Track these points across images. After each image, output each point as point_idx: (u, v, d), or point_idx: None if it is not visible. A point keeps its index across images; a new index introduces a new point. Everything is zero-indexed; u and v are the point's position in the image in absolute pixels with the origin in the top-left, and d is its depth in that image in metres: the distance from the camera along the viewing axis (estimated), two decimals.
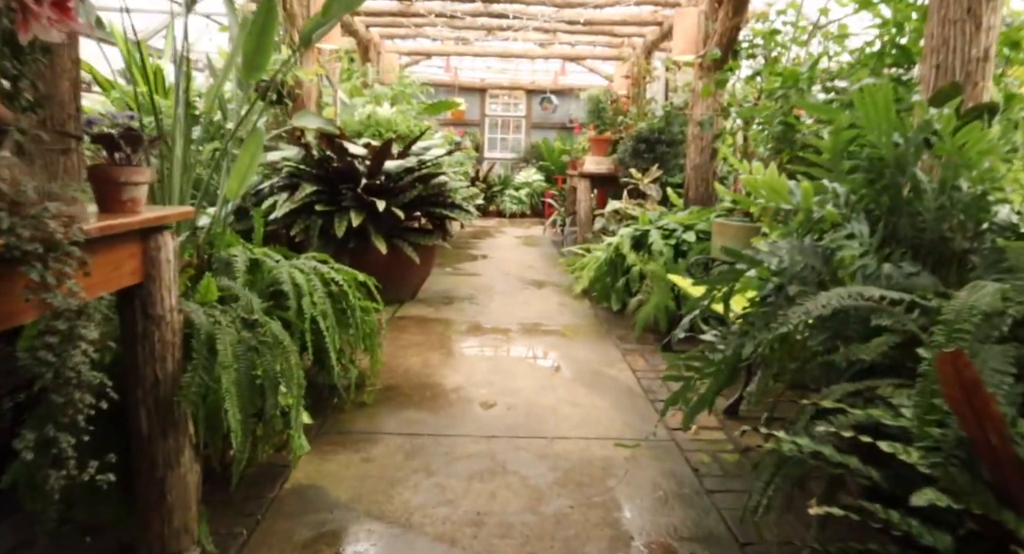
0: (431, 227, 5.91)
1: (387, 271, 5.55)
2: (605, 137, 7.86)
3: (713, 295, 2.66)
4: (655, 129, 7.07)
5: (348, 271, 3.56)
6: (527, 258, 8.82)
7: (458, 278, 7.25)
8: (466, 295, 6.40)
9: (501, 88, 15.83)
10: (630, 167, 7.20)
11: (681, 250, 5.35)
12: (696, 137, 6.28)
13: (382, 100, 8.09)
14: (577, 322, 5.47)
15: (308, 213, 5.21)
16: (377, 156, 5.31)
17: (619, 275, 5.68)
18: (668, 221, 5.67)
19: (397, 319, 5.37)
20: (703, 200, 6.30)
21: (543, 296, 6.46)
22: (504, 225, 13.22)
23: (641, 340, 4.95)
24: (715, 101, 6.20)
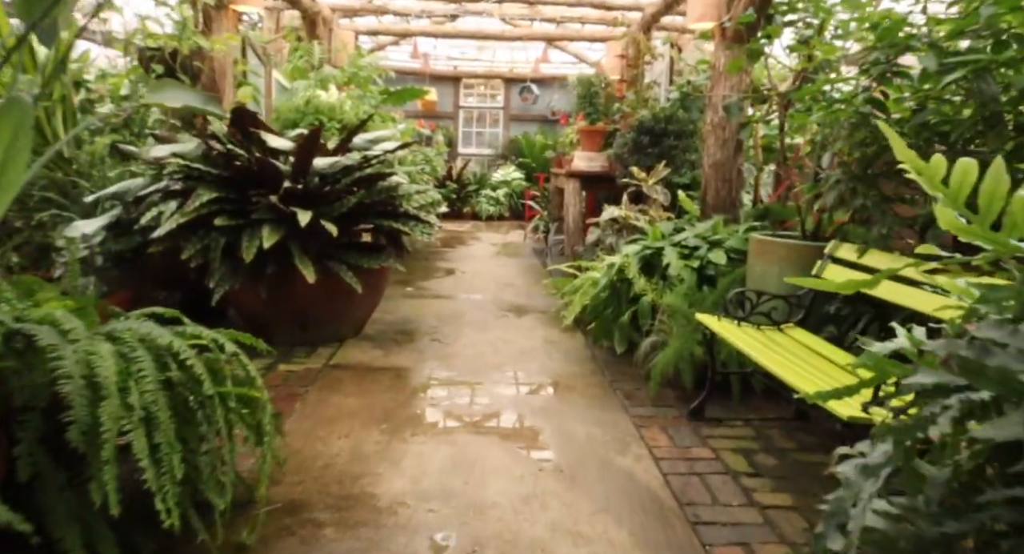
0: (381, 243, 4.57)
1: (319, 303, 4.23)
2: (598, 128, 6.55)
3: None
4: (662, 117, 5.76)
5: (213, 336, 2.20)
6: (505, 272, 7.48)
7: (420, 302, 5.90)
8: (428, 328, 5.05)
9: (476, 77, 14.48)
10: (629, 165, 5.89)
11: (706, 275, 4.05)
12: (716, 126, 4.98)
13: (329, 84, 6.71)
14: (570, 370, 4.15)
15: (207, 228, 3.84)
16: (302, 151, 3.95)
17: (624, 306, 4.37)
18: (686, 235, 4.37)
19: (330, 370, 4.02)
20: (725, 206, 5.00)
21: (525, 328, 5.13)
22: (479, 229, 11.88)
23: (658, 401, 3.64)
24: (741, 81, 4.90)
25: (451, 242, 9.95)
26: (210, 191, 3.74)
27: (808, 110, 4.06)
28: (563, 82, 14.16)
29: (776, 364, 2.79)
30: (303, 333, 4.46)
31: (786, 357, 2.94)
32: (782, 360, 2.88)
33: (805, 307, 3.39)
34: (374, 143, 4.66)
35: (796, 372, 2.72)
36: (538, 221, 9.24)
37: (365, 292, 4.44)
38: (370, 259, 4.31)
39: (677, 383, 3.75)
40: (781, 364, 2.81)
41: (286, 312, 4.37)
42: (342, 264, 4.23)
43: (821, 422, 3.31)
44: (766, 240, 3.72)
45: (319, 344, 4.50)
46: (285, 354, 4.28)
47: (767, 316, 3.36)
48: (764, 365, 2.80)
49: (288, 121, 5.61)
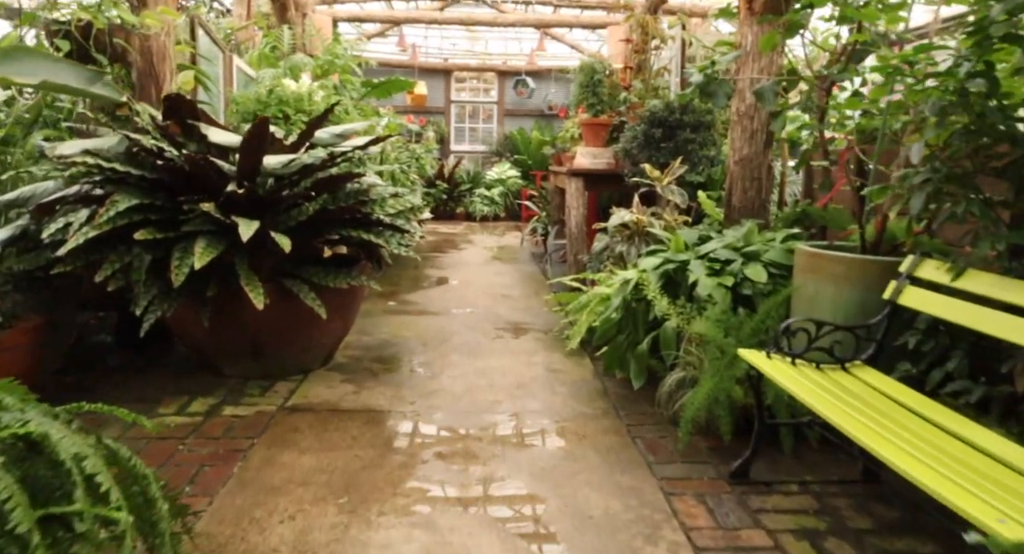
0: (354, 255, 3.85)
1: (277, 329, 3.53)
2: (602, 121, 5.83)
3: None
4: (676, 107, 5.04)
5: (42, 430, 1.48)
6: (501, 281, 6.76)
7: (403, 320, 5.18)
8: (410, 353, 4.33)
9: (469, 70, 13.76)
10: (639, 161, 5.17)
11: (742, 295, 3.34)
12: (743, 116, 4.27)
13: (300, 72, 5.98)
14: (579, 410, 3.43)
15: (128, 243, 3.11)
16: (248, 147, 3.23)
17: (641, 331, 3.66)
18: (714, 246, 3.65)
19: (286, 415, 3.29)
20: (753, 209, 4.29)
21: (524, 352, 4.41)
22: (473, 231, 11.16)
23: (689, 454, 2.93)
24: (772, 62, 4.19)
25: (442, 246, 9.23)
26: (130, 197, 3.01)
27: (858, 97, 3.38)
28: (560, 74, 13.46)
29: (858, 427, 2.09)
30: (258, 364, 3.74)
31: (865, 413, 2.24)
32: (861, 419, 2.18)
33: (876, 340, 2.68)
34: (342, 138, 3.93)
35: (891, 442, 2.01)
36: (536, 223, 8.52)
37: (333, 315, 3.73)
38: (337, 277, 3.59)
39: (710, 430, 3.04)
40: (863, 427, 2.11)
41: (236, 340, 3.65)
42: (303, 283, 3.52)
43: (896, 487, 2.60)
44: (818, 253, 3.01)
45: (279, 377, 3.78)
46: (235, 391, 3.56)
47: (828, 352, 2.65)
48: (845, 429, 2.10)
49: (248, 114, 4.88)
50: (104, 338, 4.40)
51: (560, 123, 13.62)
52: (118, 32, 3.51)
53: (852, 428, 2.11)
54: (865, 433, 2.09)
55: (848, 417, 2.21)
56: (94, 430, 1.70)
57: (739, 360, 2.99)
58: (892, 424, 2.19)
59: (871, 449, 2.00)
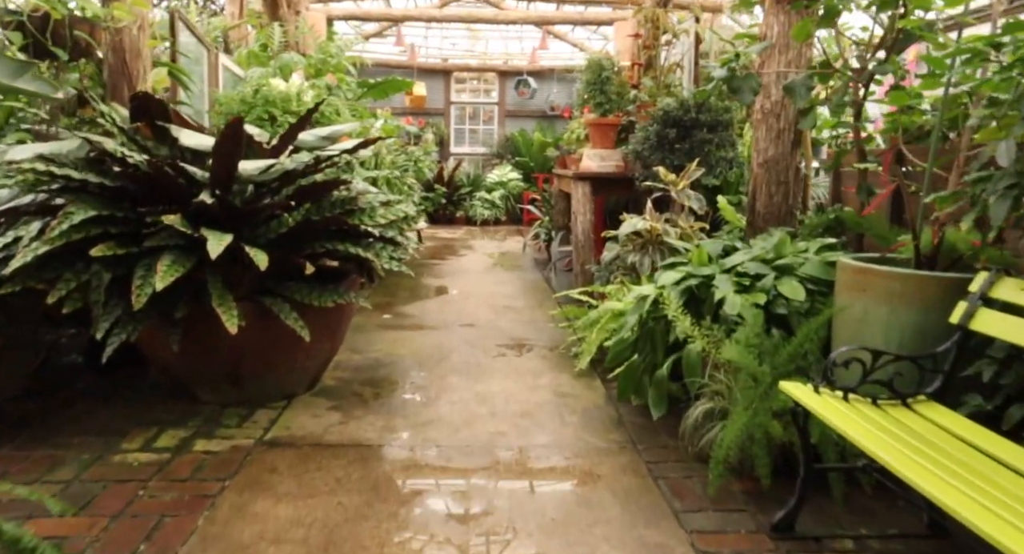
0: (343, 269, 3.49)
1: (257, 351, 3.20)
2: (610, 121, 5.47)
3: None
4: (691, 105, 4.68)
5: None
6: (502, 291, 6.40)
7: (398, 336, 4.81)
8: (404, 375, 3.97)
9: (469, 70, 13.41)
10: (651, 164, 4.82)
11: (776, 315, 2.97)
12: (768, 113, 3.91)
13: (290, 71, 5.63)
14: (593, 444, 3.07)
15: (87, 260, 2.75)
16: (221, 151, 2.87)
17: (660, 353, 3.30)
18: (741, 258, 3.29)
19: (264, 450, 2.93)
20: (780, 215, 3.93)
21: (528, 373, 4.05)
22: (473, 236, 10.80)
23: (722, 501, 2.57)
24: (800, 54, 3.83)
25: (441, 252, 8.87)
26: (86, 208, 2.65)
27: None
28: (563, 74, 13.11)
29: (923, 474, 1.78)
30: (237, 390, 3.38)
31: (930, 456, 1.90)
32: (927, 464, 1.85)
33: (943, 371, 2.32)
34: (330, 141, 3.58)
35: (962, 491, 1.68)
36: (539, 228, 8.17)
37: (319, 336, 3.37)
38: (323, 294, 3.23)
39: (744, 470, 2.68)
40: (929, 474, 1.79)
41: (212, 364, 3.30)
42: (284, 302, 3.16)
43: (969, 543, 2.23)
44: (868, 269, 2.65)
45: (260, 403, 3.42)
46: (210, 421, 3.20)
47: (887, 385, 2.29)
48: (908, 477, 1.76)
49: (233, 115, 4.52)
50: (76, 358, 4.04)
51: (563, 124, 13.27)
52: (80, 25, 3.16)
53: (916, 476, 1.77)
54: (931, 481, 1.75)
55: (911, 462, 1.87)
56: None
57: (775, 390, 2.63)
58: (963, 470, 1.86)
59: (938, 500, 1.67)
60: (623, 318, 3.83)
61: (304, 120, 3.20)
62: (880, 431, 2.08)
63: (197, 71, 4.99)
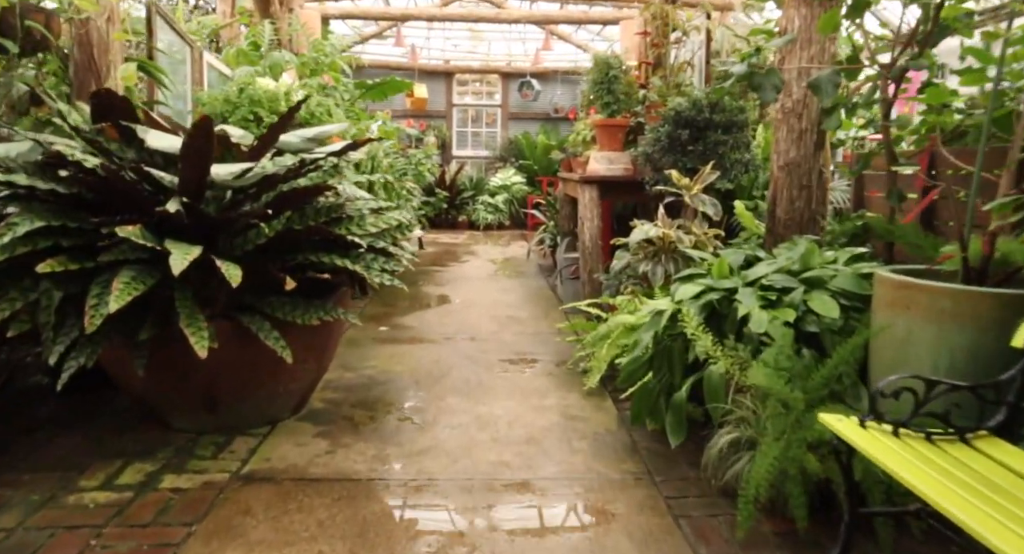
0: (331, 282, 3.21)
1: (235, 374, 2.92)
2: (619, 122, 5.18)
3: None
4: (704, 105, 4.39)
5: None
6: (506, 300, 6.11)
7: (395, 350, 4.52)
8: (399, 395, 3.68)
9: (471, 72, 13.14)
10: (663, 167, 4.53)
11: (806, 333, 2.67)
12: (789, 113, 3.62)
13: (281, 70, 5.36)
14: (606, 475, 2.77)
15: (34, 277, 2.47)
16: (189, 153, 2.58)
17: (678, 372, 3.00)
18: (765, 270, 3.00)
19: (240, 487, 2.64)
20: (802, 222, 3.64)
21: (534, 391, 3.75)
22: (476, 241, 10.52)
23: (754, 544, 2.27)
24: (824, 50, 3.54)
25: (442, 259, 8.59)
26: (34, 218, 2.37)
27: None
28: (566, 76, 12.84)
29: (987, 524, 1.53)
30: (213, 416, 3.10)
31: (994, 502, 1.62)
32: (990, 510, 1.58)
33: (1008, 403, 2.02)
34: (316, 142, 3.29)
35: None
36: (544, 233, 7.88)
37: (305, 355, 3.10)
38: (307, 311, 2.95)
39: (776, 508, 2.38)
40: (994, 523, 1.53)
41: (184, 389, 3.01)
42: (263, 320, 2.88)
43: None
44: (912, 284, 2.35)
45: (239, 431, 3.13)
46: (183, 452, 2.92)
47: (942, 419, 2.00)
48: (970, 526, 1.48)
49: (216, 116, 4.25)
50: (42, 379, 3.75)
51: (567, 127, 13.00)
52: (34, 14, 2.88)
53: (978, 523, 1.52)
54: (995, 530, 1.50)
55: (971, 508, 1.60)
56: None
57: (809, 417, 2.34)
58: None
59: (1002, 551, 1.39)
60: (635, 333, 3.55)
61: (285, 119, 2.91)
62: (936, 472, 1.79)
63: (181, 70, 4.72)
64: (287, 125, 2.95)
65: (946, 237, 3.04)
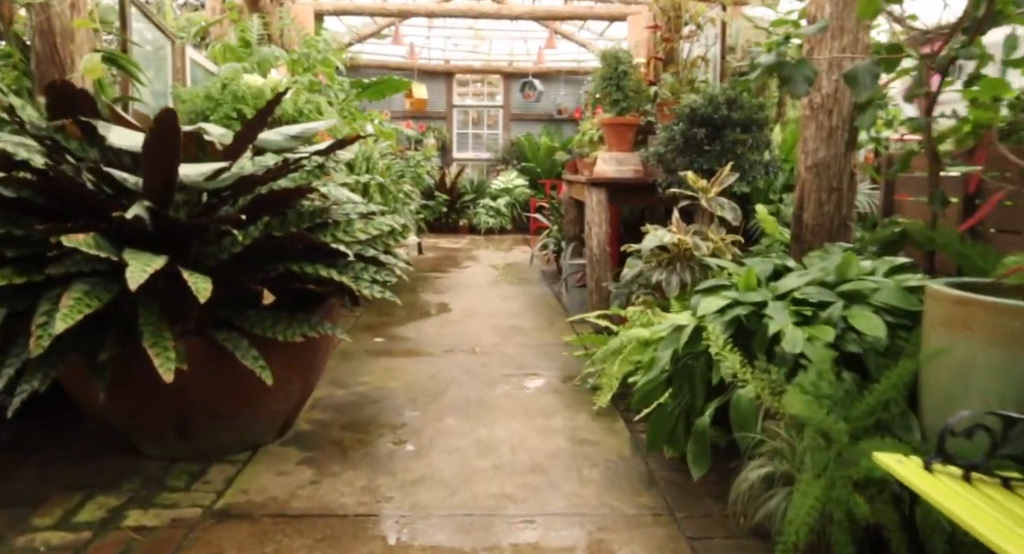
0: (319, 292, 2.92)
1: (210, 395, 2.63)
2: (628, 121, 4.89)
3: None
4: (722, 101, 4.10)
5: None
6: (508, 308, 5.82)
7: (390, 364, 4.23)
8: (393, 415, 3.39)
9: (472, 72, 12.86)
10: (677, 168, 4.24)
11: (846, 353, 2.38)
12: (819, 109, 3.33)
13: (269, 66, 5.08)
14: (620, 512, 2.48)
15: None
16: (151, 152, 2.30)
17: (700, 394, 2.71)
18: (796, 282, 2.70)
19: (212, 525, 2.35)
20: (832, 229, 3.35)
21: (539, 411, 3.46)
22: (477, 245, 10.23)
23: None
24: (857, 40, 3.26)
25: (442, 264, 8.30)
26: None
27: None
28: (569, 76, 12.56)
29: None
30: (187, 442, 2.81)
31: None
32: None
33: None
34: (300, 140, 3.01)
35: None
36: (547, 238, 7.58)
37: (289, 374, 2.81)
38: (290, 326, 2.66)
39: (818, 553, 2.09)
40: None
41: (154, 413, 2.72)
42: (241, 337, 2.59)
43: None
44: (971, 300, 2.05)
45: (216, 457, 2.85)
46: (152, 482, 2.63)
47: (1020, 462, 1.71)
48: None
49: (197, 114, 3.97)
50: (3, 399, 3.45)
51: (571, 128, 12.72)
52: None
53: None
54: None
55: None
56: None
57: (854, 452, 2.06)
58: None
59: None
60: (650, 349, 3.26)
61: (264, 113, 2.62)
62: (1017, 525, 1.50)
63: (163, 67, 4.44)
64: (266, 121, 2.66)
65: (995, 246, 2.76)
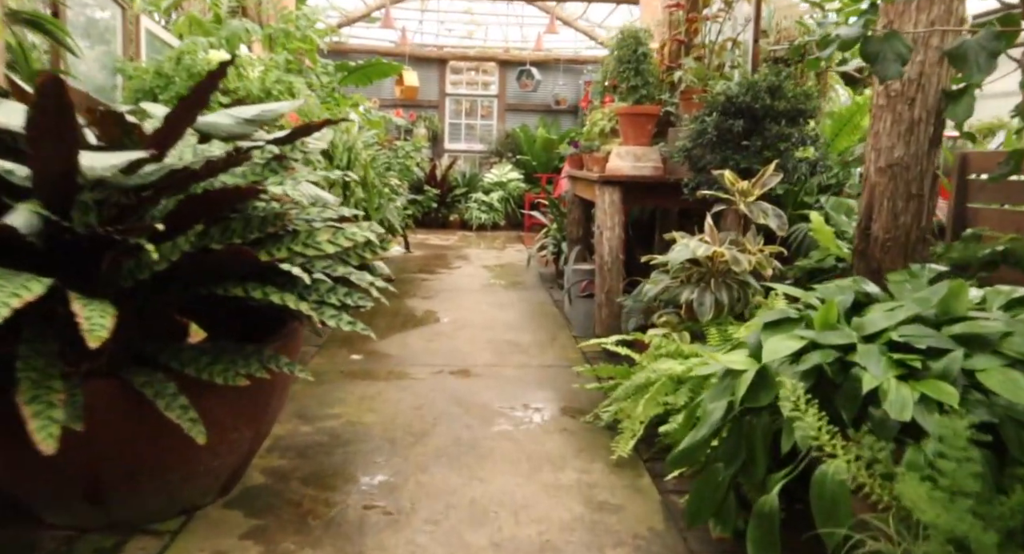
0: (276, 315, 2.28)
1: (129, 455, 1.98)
2: (649, 110, 4.28)
3: None
4: (763, 88, 3.49)
5: None
6: (504, 318, 5.21)
7: (367, 390, 3.61)
8: (366, 463, 2.77)
9: (466, 59, 12.22)
10: (707, 166, 3.64)
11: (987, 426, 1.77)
12: (897, 97, 2.73)
13: (239, 42, 4.43)
14: None
15: None
16: (40, 132, 1.66)
17: (762, 462, 2.10)
18: (890, 320, 2.10)
19: None
20: (908, 243, 2.76)
21: (545, 460, 2.85)
22: (469, 243, 9.61)
23: None
24: (951, 8, 2.65)
25: (431, 264, 7.67)
26: None
27: None
28: (568, 65, 11.95)
29: None
30: (98, 509, 2.18)
31: None
32: None
33: None
34: (259, 125, 2.37)
35: None
36: (546, 238, 6.97)
37: (233, 423, 2.20)
38: (233, 364, 2.04)
39: None
40: None
41: (55, 473, 2.09)
42: (169, 379, 1.97)
43: None
44: None
45: (138, 526, 2.23)
46: None
47: None
48: None
49: (144, 92, 3.33)
50: None
51: (570, 120, 12.11)
52: None
53: None
54: None
55: None
56: None
57: None
58: None
59: None
60: (684, 388, 2.67)
61: (204, 88, 1.99)
62: None
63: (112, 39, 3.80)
64: (207, 98, 2.02)
65: None
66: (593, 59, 11.56)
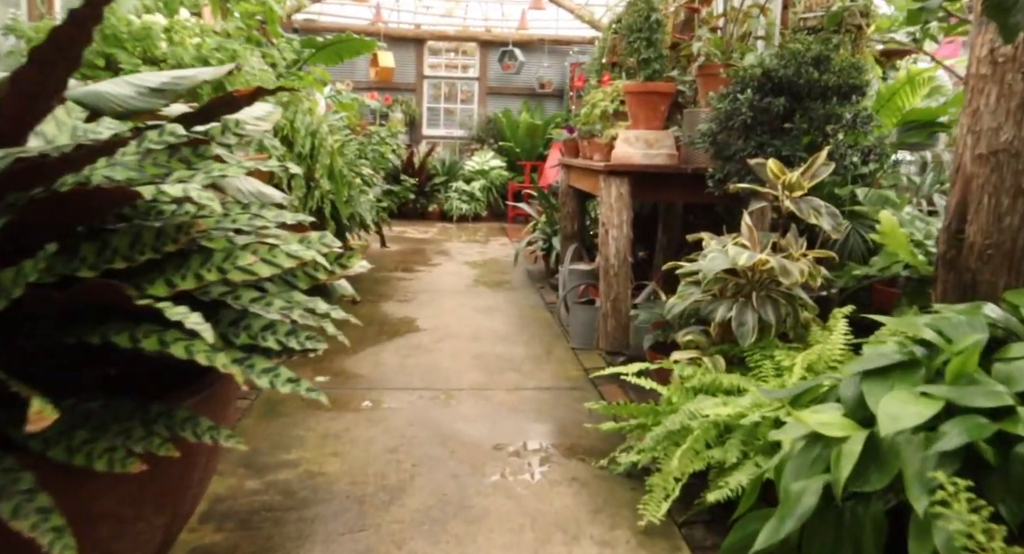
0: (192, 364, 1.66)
1: None
2: (662, 87, 3.65)
3: None
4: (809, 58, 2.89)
5: None
6: (492, 326, 4.59)
7: (331, 425, 2.98)
8: (325, 532, 2.15)
9: (445, 39, 11.52)
10: (736, 154, 3.04)
11: None
12: (1006, 65, 2.13)
13: (179, 6, 3.74)
14: None
15: None
16: None
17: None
18: None
19: None
20: (1013, 252, 2.17)
21: (553, 525, 2.25)
22: (449, 235, 8.97)
23: None
24: None
25: (408, 261, 7.02)
26: None
27: None
28: (554, 46, 11.31)
29: None
30: None
31: None
32: None
33: None
34: (170, 96, 1.72)
35: None
36: (535, 232, 6.35)
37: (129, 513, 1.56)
38: (128, 437, 1.41)
39: None
40: None
41: None
42: (22, 466, 1.33)
43: None
44: None
45: None
46: None
47: None
48: None
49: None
50: None
51: (555, 104, 11.47)
52: None
53: None
54: None
55: None
56: None
57: None
58: None
59: None
60: (735, 438, 2.09)
61: (67, 33, 1.33)
62: None
63: None
64: (56, 57, 1.37)
65: None
66: (580, 39, 10.91)
